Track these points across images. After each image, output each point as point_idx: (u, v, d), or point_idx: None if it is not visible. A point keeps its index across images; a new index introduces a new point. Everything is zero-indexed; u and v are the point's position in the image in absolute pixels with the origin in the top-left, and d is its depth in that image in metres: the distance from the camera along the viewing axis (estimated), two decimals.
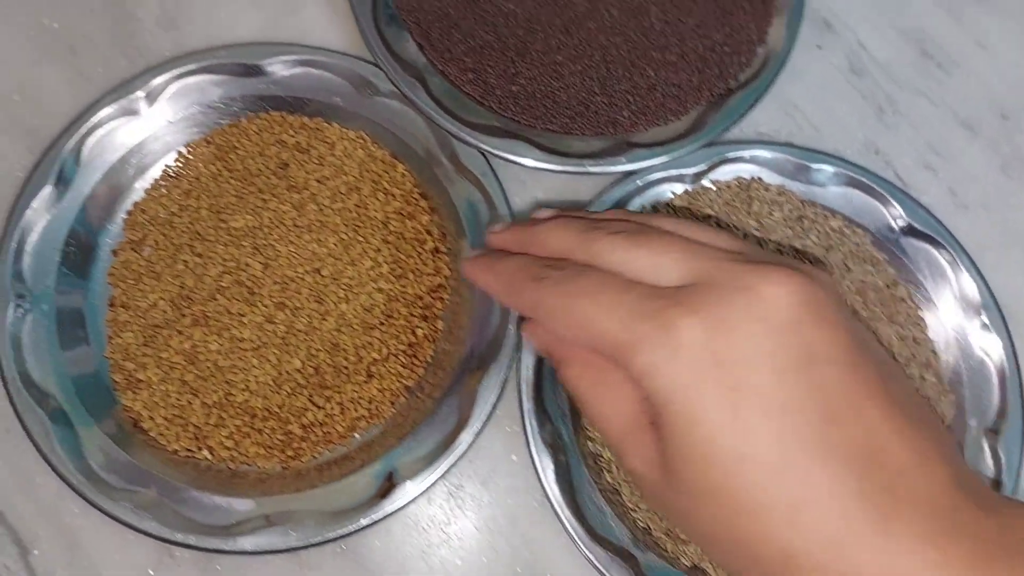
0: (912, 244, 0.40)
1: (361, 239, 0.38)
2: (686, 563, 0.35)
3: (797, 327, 0.24)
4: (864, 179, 0.40)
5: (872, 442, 0.24)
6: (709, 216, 0.39)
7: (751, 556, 0.24)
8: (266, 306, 0.37)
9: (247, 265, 0.37)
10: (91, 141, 0.38)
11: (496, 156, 0.38)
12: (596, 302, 0.26)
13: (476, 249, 0.33)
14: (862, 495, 0.23)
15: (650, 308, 0.25)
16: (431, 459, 0.35)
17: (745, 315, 0.24)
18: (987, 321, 0.38)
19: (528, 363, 0.37)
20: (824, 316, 0.25)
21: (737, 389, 0.24)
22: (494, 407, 0.36)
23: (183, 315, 0.37)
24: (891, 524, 0.23)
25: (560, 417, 0.37)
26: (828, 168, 0.40)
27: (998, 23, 0.45)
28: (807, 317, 0.25)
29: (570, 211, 0.33)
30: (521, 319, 0.35)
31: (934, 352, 0.39)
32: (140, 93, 0.38)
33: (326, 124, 0.40)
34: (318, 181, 0.39)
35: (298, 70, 0.40)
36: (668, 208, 0.40)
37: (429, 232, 0.39)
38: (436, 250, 0.39)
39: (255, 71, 0.39)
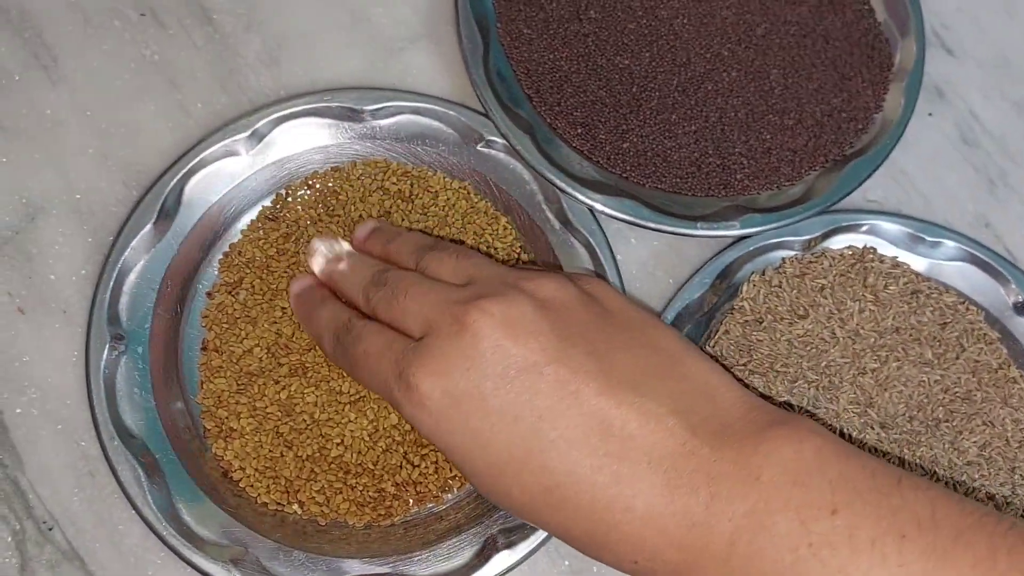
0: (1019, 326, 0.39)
1: None
2: None
3: (500, 348, 0.28)
4: (981, 255, 0.39)
5: (597, 420, 0.27)
6: (823, 287, 0.38)
7: (552, 523, 0.28)
8: None
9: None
10: (193, 181, 0.37)
11: (606, 214, 0.37)
12: (368, 370, 0.31)
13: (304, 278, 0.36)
14: (593, 471, 0.27)
15: (396, 371, 0.29)
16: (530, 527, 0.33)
17: (459, 353, 0.28)
18: None
19: None
20: (521, 331, 0.28)
21: (467, 418, 0.28)
22: None
23: (280, 364, 0.36)
24: (633, 484, 0.26)
25: None
26: (945, 242, 0.39)
27: None
28: (506, 336, 0.28)
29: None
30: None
31: None
32: (244, 134, 0.37)
33: (430, 173, 0.39)
34: (422, 230, 0.38)
35: (404, 117, 0.39)
36: (779, 275, 0.38)
37: None
38: None
39: (360, 116, 0.39)
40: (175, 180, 0.37)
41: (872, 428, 0.36)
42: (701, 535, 0.26)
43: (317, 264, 0.35)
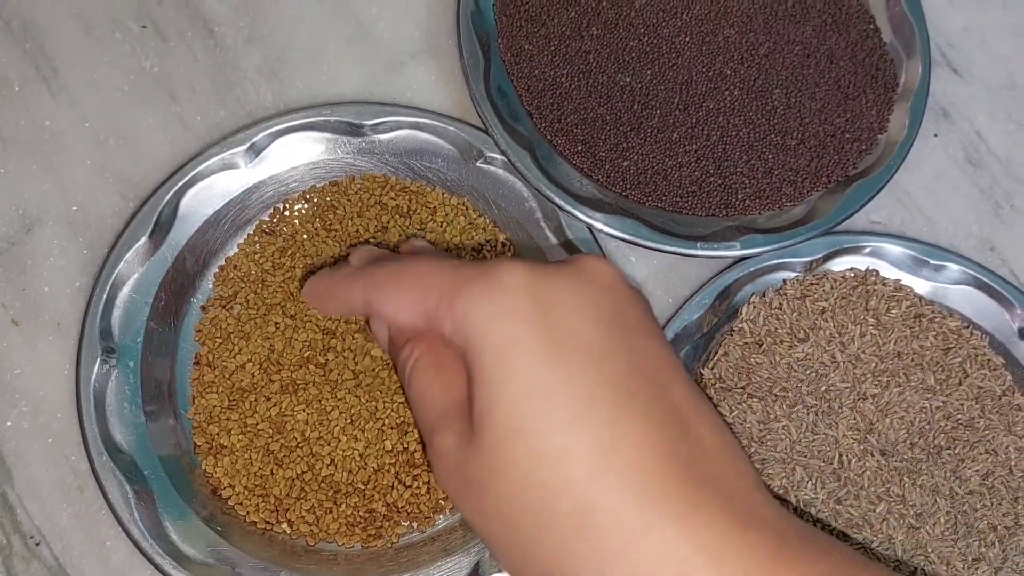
0: None
1: None
2: None
3: (615, 294, 0.25)
4: (985, 278, 0.38)
5: (679, 418, 0.23)
6: (824, 310, 0.37)
7: (544, 520, 0.22)
8: (357, 379, 0.35)
9: (340, 333, 0.36)
10: (190, 194, 0.37)
11: (605, 233, 0.37)
12: (428, 264, 0.26)
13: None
14: (669, 456, 0.22)
15: (476, 263, 0.25)
16: None
17: (568, 273, 0.25)
18: None
19: None
20: (636, 298, 0.26)
21: (552, 329, 0.23)
22: None
23: (272, 380, 0.35)
24: (697, 493, 0.22)
25: None
26: (949, 265, 0.38)
27: None
28: (625, 291, 0.25)
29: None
30: (367, 323, 0.33)
31: None
32: (242, 147, 0.37)
33: (429, 189, 0.39)
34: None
35: (403, 132, 0.39)
36: (780, 296, 0.38)
37: None
38: None
39: (359, 130, 0.38)
40: (171, 193, 0.36)
41: (872, 455, 0.35)
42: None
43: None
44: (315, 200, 0.38)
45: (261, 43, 0.41)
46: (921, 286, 0.39)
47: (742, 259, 0.38)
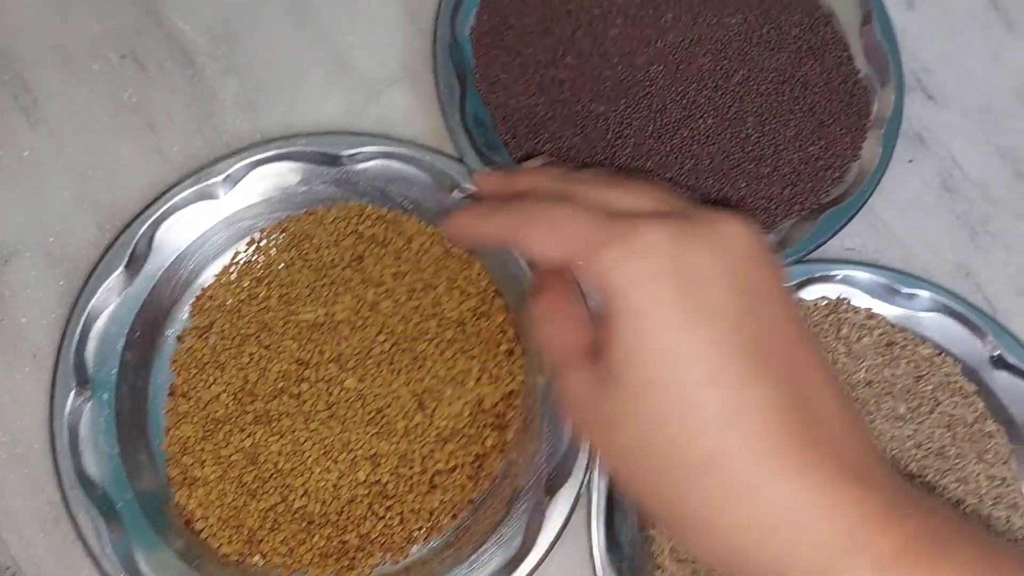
0: (1004, 378, 0.38)
1: (435, 339, 0.37)
2: None
3: (750, 262, 0.26)
4: (956, 306, 0.39)
5: (801, 384, 0.25)
6: None
7: (670, 463, 0.24)
8: (330, 410, 0.35)
9: (315, 364, 0.36)
10: (166, 225, 0.37)
11: None
12: (572, 211, 0.27)
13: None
14: (790, 417, 0.24)
15: (620, 219, 0.26)
16: None
17: (707, 238, 0.25)
18: None
19: (601, 488, 0.35)
20: (771, 264, 0.26)
21: (690, 292, 0.24)
22: (562, 531, 0.34)
23: (246, 411, 0.35)
24: (815, 454, 0.23)
25: (629, 555, 0.35)
26: (921, 293, 0.39)
27: None
28: (760, 257, 0.26)
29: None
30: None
31: (1022, 495, 0.37)
32: (219, 178, 0.38)
33: (404, 218, 0.39)
34: (393, 276, 0.38)
35: (379, 162, 0.39)
36: None
37: (504, 332, 0.38)
38: (510, 352, 0.38)
39: (335, 160, 0.39)
40: (146, 225, 0.37)
41: None
42: (872, 532, 0.23)
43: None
44: (291, 230, 0.39)
45: (239, 73, 0.41)
46: (894, 313, 0.39)
47: None
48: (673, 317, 0.24)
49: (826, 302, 0.38)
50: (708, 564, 0.25)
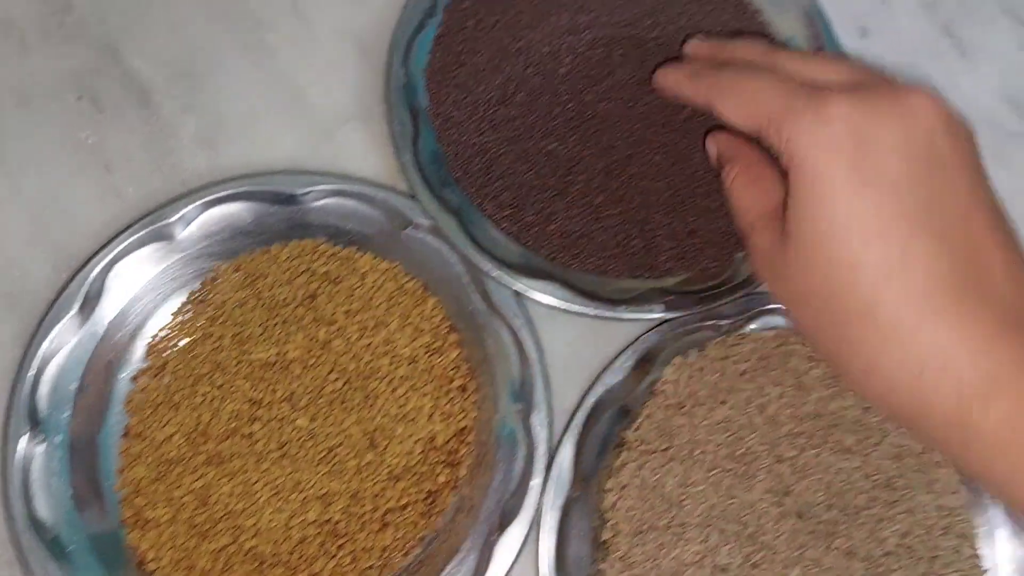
0: None
1: (387, 377, 0.37)
2: None
3: (933, 132, 0.27)
4: None
5: (972, 244, 0.27)
6: (744, 371, 0.38)
7: (835, 309, 0.27)
8: (282, 449, 0.36)
9: (267, 403, 0.36)
10: (120, 266, 0.38)
11: (530, 297, 0.38)
12: (766, 83, 0.29)
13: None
14: (952, 275, 0.26)
15: (809, 91, 0.28)
16: None
17: (890, 111, 0.27)
18: None
19: (551, 525, 0.35)
20: (957, 135, 0.28)
21: (863, 161, 0.27)
22: (512, 566, 0.35)
23: (198, 452, 0.36)
24: (972, 304, 0.26)
25: None
26: None
27: None
28: (943, 127, 0.28)
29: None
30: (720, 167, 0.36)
31: (971, 523, 0.37)
32: (172, 218, 0.38)
33: (358, 254, 0.39)
34: (346, 314, 0.38)
35: (332, 200, 0.39)
36: (703, 358, 0.38)
37: (457, 368, 0.38)
38: (463, 388, 0.38)
39: (289, 199, 0.39)
40: (100, 267, 0.37)
41: (788, 518, 0.35)
42: (1017, 374, 0.25)
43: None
44: (245, 268, 0.39)
45: (196, 111, 0.42)
46: None
47: (665, 321, 0.38)
48: (845, 181, 0.27)
49: (775, 333, 0.39)
50: (871, 402, 0.29)
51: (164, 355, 0.38)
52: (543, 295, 0.38)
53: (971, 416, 0.25)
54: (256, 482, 0.35)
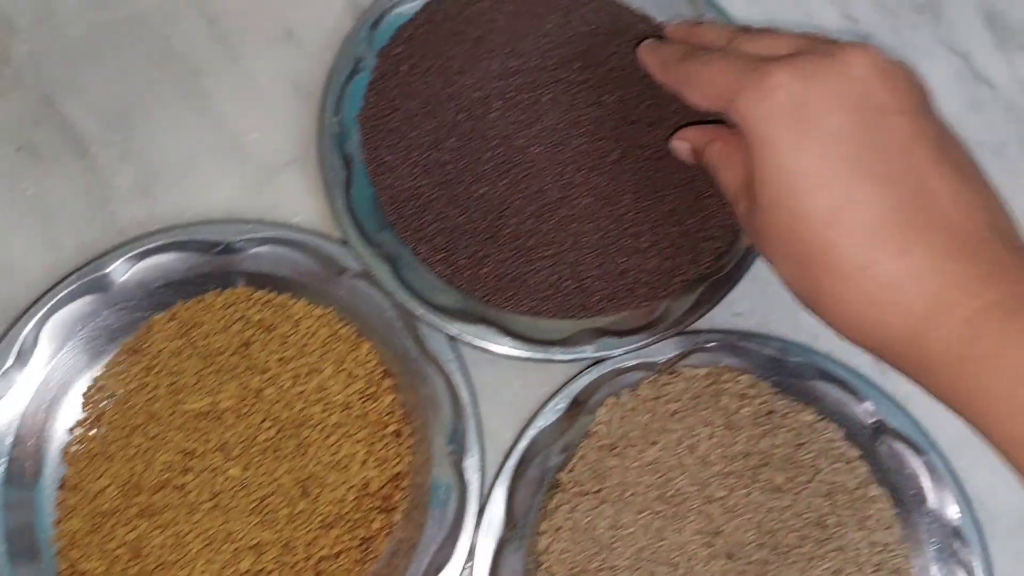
0: (886, 443, 0.39)
1: (320, 424, 0.37)
2: None
3: (866, 81, 0.29)
4: (839, 372, 0.39)
5: (915, 177, 0.28)
6: (675, 411, 0.38)
7: (800, 258, 0.29)
8: (214, 500, 0.36)
9: (200, 453, 0.37)
10: (55, 318, 0.38)
11: (462, 341, 0.38)
12: (720, 67, 0.32)
13: (651, 40, 0.39)
14: (897, 209, 0.28)
15: (756, 66, 0.30)
16: None
17: (827, 70, 0.29)
18: (964, 536, 0.37)
19: (484, 567, 0.36)
20: (894, 80, 0.30)
21: (804, 120, 0.29)
22: None
23: (131, 504, 0.36)
24: (918, 235, 0.27)
25: None
26: (801, 360, 0.39)
27: None
28: (878, 76, 0.29)
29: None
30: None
31: (906, 558, 0.37)
32: (107, 269, 0.38)
33: (292, 301, 0.40)
34: (279, 362, 0.38)
35: (266, 247, 0.40)
36: (635, 398, 0.39)
37: (392, 413, 0.39)
38: (398, 433, 0.38)
39: (223, 248, 0.39)
40: (33, 321, 0.37)
41: (718, 558, 0.36)
42: (960, 295, 0.26)
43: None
44: (181, 316, 0.39)
45: (134, 160, 0.42)
46: (777, 381, 0.40)
47: (598, 361, 0.39)
48: (789, 141, 0.29)
49: (706, 371, 0.39)
50: (846, 338, 0.30)
51: (100, 406, 0.38)
52: (475, 339, 0.38)
53: (922, 338, 0.27)
54: (188, 533, 0.36)
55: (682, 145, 0.37)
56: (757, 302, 0.42)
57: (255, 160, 0.42)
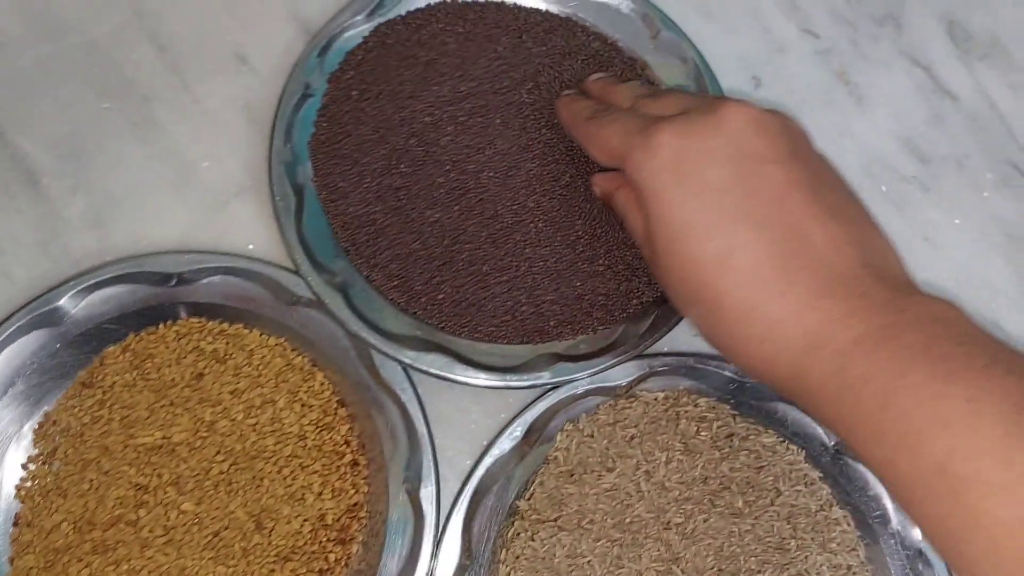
0: (849, 464, 0.38)
1: (274, 456, 0.37)
2: None
3: (742, 134, 0.31)
4: None
5: (790, 221, 0.30)
6: (633, 436, 0.38)
7: (697, 300, 0.31)
8: (167, 535, 0.36)
9: (153, 488, 0.36)
10: (7, 352, 0.37)
11: (417, 370, 0.38)
12: (616, 128, 0.34)
13: (571, 90, 0.41)
14: (775, 254, 0.29)
15: (644, 128, 0.32)
16: None
17: (704, 126, 0.31)
18: (928, 558, 0.37)
19: None
20: (768, 130, 0.31)
21: (687, 174, 0.31)
22: None
23: (84, 540, 0.36)
24: (793, 276, 0.29)
25: None
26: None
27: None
28: (752, 129, 0.31)
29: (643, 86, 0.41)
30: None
31: None
32: (59, 302, 0.38)
33: (246, 331, 0.39)
34: (232, 394, 0.38)
35: (219, 278, 0.39)
36: (592, 423, 0.38)
37: (348, 443, 0.38)
38: (355, 463, 0.38)
39: (175, 279, 0.39)
40: None
41: None
42: (834, 330, 0.28)
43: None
44: (134, 348, 0.39)
45: (86, 191, 0.42)
46: (736, 403, 0.39)
47: (556, 387, 0.38)
48: (674, 196, 0.31)
49: (664, 395, 0.39)
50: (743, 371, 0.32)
51: (53, 440, 0.38)
52: (430, 367, 0.38)
53: (804, 371, 0.28)
54: (142, 569, 0.35)
55: (596, 189, 0.39)
56: None
57: (208, 188, 0.42)
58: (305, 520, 0.37)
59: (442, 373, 0.38)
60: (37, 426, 0.38)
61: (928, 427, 0.25)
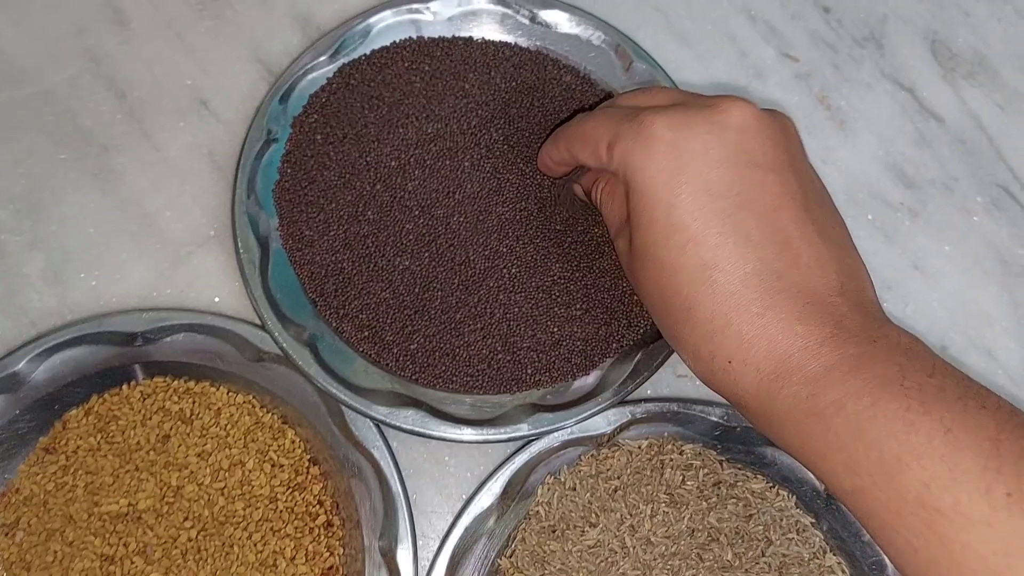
0: (842, 508, 0.37)
1: (244, 521, 0.36)
2: None
3: (741, 135, 0.30)
4: None
5: (781, 238, 0.29)
6: (616, 490, 0.36)
7: (667, 308, 0.30)
8: None
9: (120, 558, 0.35)
10: None
11: (389, 426, 0.36)
12: (600, 119, 0.32)
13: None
14: (760, 272, 0.28)
15: (634, 116, 0.31)
16: None
17: (702, 121, 0.30)
18: None
19: None
20: (767, 133, 0.30)
21: (680, 172, 0.29)
22: None
23: None
24: (773, 298, 0.28)
25: None
26: (748, 425, 0.37)
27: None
28: (752, 129, 0.30)
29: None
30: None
31: None
32: (18, 366, 0.37)
33: (212, 388, 0.38)
34: (199, 456, 0.37)
35: (182, 335, 0.38)
36: (574, 476, 0.37)
37: (321, 503, 0.37)
38: (328, 524, 0.37)
39: (138, 338, 0.38)
40: None
41: None
42: (806, 358, 0.27)
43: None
44: (97, 410, 0.38)
45: (44, 246, 0.40)
46: (724, 448, 0.38)
47: (535, 438, 0.37)
48: (664, 193, 0.29)
49: (648, 442, 0.37)
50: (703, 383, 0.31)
51: (16, 510, 0.36)
52: (403, 423, 0.36)
53: (771, 395, 0.28)
54: None
55: (576, 188, 0.38)
56: None
57: (171, 239, 0.41)
58: None
59: (416, 428, 0.36)
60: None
61: (904, 457, 0.24)
